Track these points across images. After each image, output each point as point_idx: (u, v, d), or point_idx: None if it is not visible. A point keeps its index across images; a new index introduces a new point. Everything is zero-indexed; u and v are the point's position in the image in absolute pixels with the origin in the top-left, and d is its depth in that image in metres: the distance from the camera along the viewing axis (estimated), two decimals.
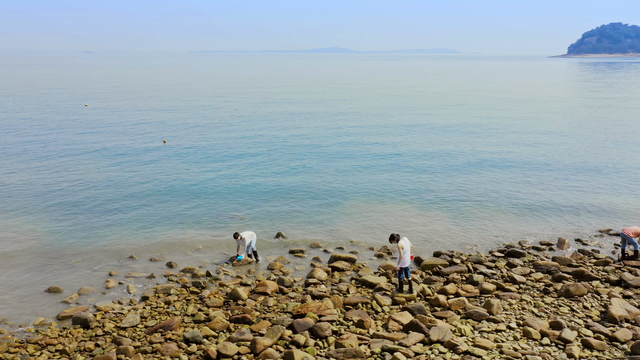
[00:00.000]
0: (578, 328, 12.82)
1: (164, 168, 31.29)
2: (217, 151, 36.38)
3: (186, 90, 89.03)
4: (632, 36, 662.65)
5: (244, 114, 55.88)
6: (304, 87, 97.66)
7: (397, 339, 12.28)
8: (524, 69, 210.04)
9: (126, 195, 25.75)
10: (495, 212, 23.68)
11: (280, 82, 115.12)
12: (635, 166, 32.42)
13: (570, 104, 69.26)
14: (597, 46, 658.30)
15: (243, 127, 47.00)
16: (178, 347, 12.39)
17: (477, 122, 51.50)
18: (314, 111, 59.22)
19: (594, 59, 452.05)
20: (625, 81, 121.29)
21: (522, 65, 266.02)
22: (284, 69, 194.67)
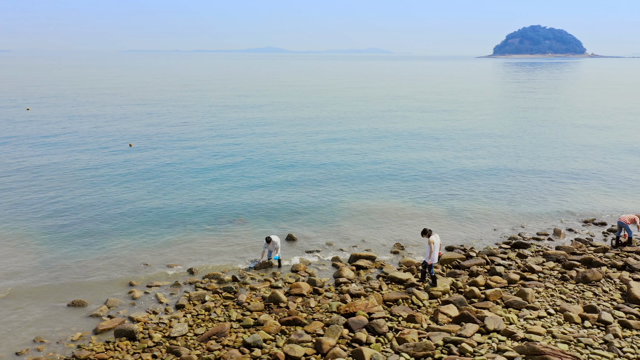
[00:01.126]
0: (610, 310, 13.89)
1: (151, 174, 30.30)
2: (199, 156, 35.64)
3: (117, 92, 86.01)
4: (550, 38, 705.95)
5: (217, 117, 54.89)
6: (253, 89, 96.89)
7: (454, 330, 12.80)
8: (465, 69, 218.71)
9: (117, 203, 24.78)
10: (484, 207, 24.81)
11: (232, 84, 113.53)
12: (604, 160, 34.96)
13: (530, 104, 73.20)
14: (519, 47, 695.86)
15: (226, 132, 46.20)
16: (240, 352, 12.29)
17: (446, 125, 53.38)
18: (294, 116, 59.10)
19: (518, 60, 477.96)
20: (559, 79, 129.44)
21: (461, 65, 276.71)
22: (227, 70, 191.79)
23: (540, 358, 11.13)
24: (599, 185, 28.66)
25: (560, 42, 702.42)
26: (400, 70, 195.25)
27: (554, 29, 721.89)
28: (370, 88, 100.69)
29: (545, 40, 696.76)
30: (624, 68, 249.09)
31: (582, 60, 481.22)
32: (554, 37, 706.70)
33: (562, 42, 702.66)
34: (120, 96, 75.41)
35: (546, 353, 11.15)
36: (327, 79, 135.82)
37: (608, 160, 34.72)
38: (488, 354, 11.51)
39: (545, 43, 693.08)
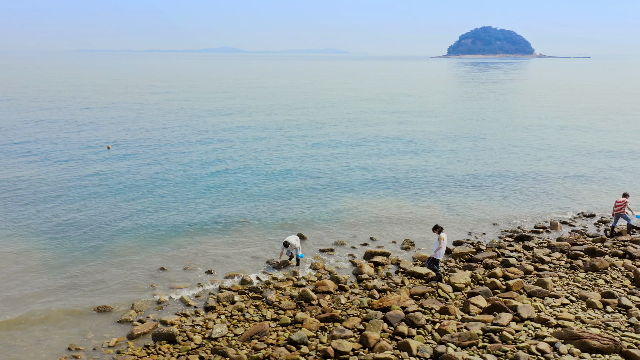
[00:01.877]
0: (625, 295, 14.78)
1: (143, 179, 29.71)
2: (192, 161, 35.15)
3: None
4: (501, 39, 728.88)
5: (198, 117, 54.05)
6: (224, 91, 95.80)
7: (489, 320, 13.34)
8: (426, 69, 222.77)
9: (117, 210, 24.26)
10: (477, 203, 25.65)
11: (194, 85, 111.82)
12: (584, 154, 36.68)
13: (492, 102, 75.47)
14: (472, 47, 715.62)
15: (212, 136, 45.57)
16: (288, 350, 12.43)
17: (425, 127, 54.47)
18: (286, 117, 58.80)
19: (471, 60, 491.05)
20: (519, 80, 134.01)
21: (420, 65, 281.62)
22: (190, 70, 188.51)
23: (578, 342, 11.80)
24: (580, 180, 30.09)
25: (511, 42, 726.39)
26: (363, 71, 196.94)
27: (504, 30, 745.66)
28: (340, 90, 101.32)
29: (496, 41, 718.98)
30: (574, 68, 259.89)
31: (532, 60, 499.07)
32: (504, 37, 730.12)
33: (512, 43, 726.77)
34: (70, 99, 73.16)
35: (584, 337, 11.83)
36: (297, 80, 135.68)
37: (584, 157, 36.46)
38: (528, 341, 12.09)
39: (497, 43, 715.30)
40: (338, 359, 12.03)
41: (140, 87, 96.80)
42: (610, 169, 32.69)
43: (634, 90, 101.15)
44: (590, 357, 11.40)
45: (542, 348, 11.64)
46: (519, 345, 11.86)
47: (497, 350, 11.71)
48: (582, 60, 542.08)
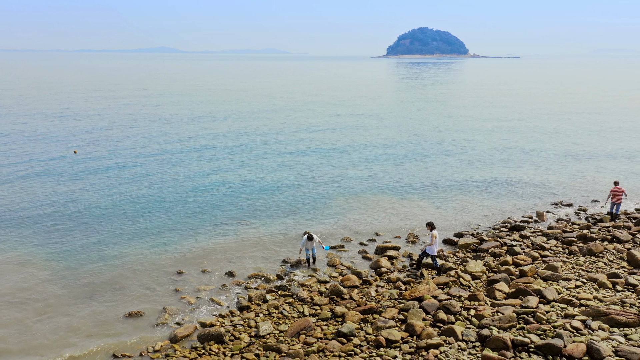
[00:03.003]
0: (627, 275, 16.20)
1: (135, 182, 28.94)
2: (177, 164, 34.46)
3: None
4: (437, 39, 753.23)
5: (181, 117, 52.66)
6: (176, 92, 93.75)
7: (517, 304, 14.30)
8: (371, 69, 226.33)
9: (112, 214, 23.66)
10: (464, 196, 26.93)
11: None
12: (553, 149, 38.96)
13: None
14: (410, 48, 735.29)
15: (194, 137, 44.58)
16: (339, 342, 12.84)
17: (399, 125, 55.73)
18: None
19: (410, 59, 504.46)
20: (467, 78, 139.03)
21: (363, 65, 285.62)
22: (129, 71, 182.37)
23: (606, 318, 12.94)
24: (548, 173, 32.11)
25: (446, 43, 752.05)
26: (313, 72, 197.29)
27: (440, 31, 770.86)
28: (295, 92, 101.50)
29: (433, 42, 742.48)
30: (512, 68, 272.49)
31: (467, 60, 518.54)
32: (440, 38, 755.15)
33: (448, 44, 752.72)
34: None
35: (611, 313, 12.98)
36: (248, 81, 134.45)
37: (546, 153, 38.83)
38: (560, 320, 13.12)
39: (433, 44, 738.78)
40: (389, 347, 12.57)
41: (78, 90, 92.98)
42: (572, 162, 35.02)
43: (575, 89, 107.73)
44: (619, 331, 12.54)
45: (575, 325, 12.68)
46: (554, 324, 12.84)
47: (536, 330, 12.64)
48: (513, 60, 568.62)
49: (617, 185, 22.49)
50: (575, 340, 11.92)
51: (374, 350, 12.44)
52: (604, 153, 37.78)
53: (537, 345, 11.83)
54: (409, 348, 12.43)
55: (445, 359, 11.87)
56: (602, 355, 11.23)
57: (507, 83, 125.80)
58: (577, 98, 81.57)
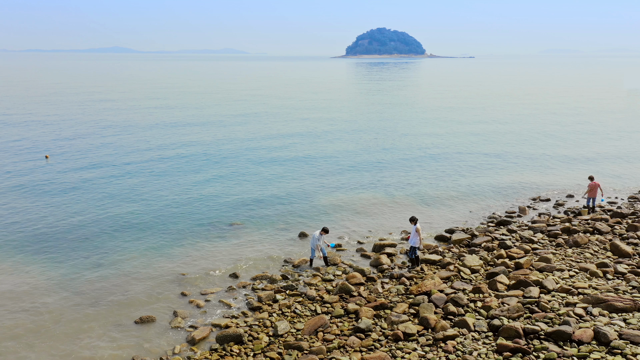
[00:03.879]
0: (614, 265, 17.21)
1: (121, 185, 28.38)
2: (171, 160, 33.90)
3: None
4: (395, 40, 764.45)
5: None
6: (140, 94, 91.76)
7: (519, 295, 15.02)
8: (333, 69, 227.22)
9: (103, 216, 23.24)
10: (446, 193, 27.80)
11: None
12: (522, 149, 40.41)
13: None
14: (369, 48, 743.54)
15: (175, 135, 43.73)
16: (358, 338, 13.19)
17: (378, 124, 56.38)
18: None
19: (369, 59, 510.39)
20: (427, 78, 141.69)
21: (325, 65, 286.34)
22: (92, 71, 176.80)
23: (605, 305, 13.79)
24: (523, 170, 33.46)
25: (404, 43, 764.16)
26: (276, 72, 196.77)
27: (397, 32, 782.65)
28: (263, 93, 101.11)
29: (390, 42, 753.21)
30: (471, 68, 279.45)
31: (424, 60, 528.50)
32: (398, 39, 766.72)
33: (406, 44, 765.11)
34: None
35: (609, 300, 13.85)
36: (211, 81, 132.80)
37: (525, 148, 40.36)
38: (562, 308, 13.89)
39: (391, 44, 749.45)
40: (407, 340, 13.02)
41: (43, 90, 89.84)
42: (542, 161, 36.57)
43: (531, 89, 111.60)
44: (618, 316, 13.40)
45: (578, 312, 13.47)
46: (559, 312, 13.60)
47: (543, 318, 13.35)
48: (469, 60, 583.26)
49: (593, 180, 23.75)
50: (582, 326, 12.68)
51: (393, 344, 12.86)
52: (570, 151, 39.58)
53: (547, 332, 12.52)
54: (426, 340, 12.91)
55: (463, 349, 12.41)
56: (609, 339, 12.01)
57: (470, 84, 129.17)
58: (535, 98, 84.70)
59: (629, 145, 41.31)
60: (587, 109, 65.66)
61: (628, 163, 35.07)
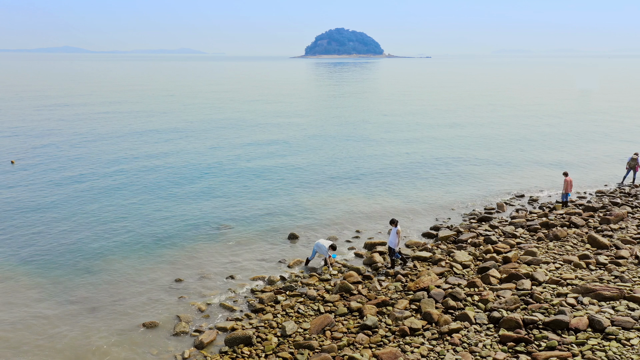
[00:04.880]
0: (596, 256, 18.19)
1: (105, 189, 27.68)
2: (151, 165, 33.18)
3: None
4: (354, 40, 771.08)
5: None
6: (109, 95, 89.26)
7: (512, 287, 15.71)
8: (296, 69, 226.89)
9: (89, 222, 22.73)
10: (427, 192, 28.54)
11: None
12: (494, 148, 41.69)
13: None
14: (328, 48, 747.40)
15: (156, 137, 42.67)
16: (366, 335, 13.53)
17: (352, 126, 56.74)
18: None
19: (329, 59, 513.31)
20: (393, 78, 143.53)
21: (285, 65, 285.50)
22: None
23: (594, 294, 14.62)
24: (496, 167, 34.66)
25: (362, 43, 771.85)
26: (237, 72, 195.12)
27: (355, 32, 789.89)
28: (227, 92, 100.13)
29: (349, 42, 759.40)
30: (430, 67, 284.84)
31: (383, 60, 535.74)
32: (356, 39, 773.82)
33: (364, 44, 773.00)
34: None
35: (597, 289, 14.69)
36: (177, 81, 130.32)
37: (495, 148, 41.70)
38: (555, 299, 14.64)
39: (350, 44, 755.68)
40: (414, 335, 13.46)
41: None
42: (510, 157, 37.96)
43: (487, 87, 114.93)
44: (606, 304, 14.24)
45: (570, 302, 14.25)
46: (552, 303, 14.33)
47: (539, 309, 14.05)
48: (426, 60, 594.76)
49: (567, 176, 24.93)
50: (576, 315, 13.43)
51: (400, 339, 13.27)
52: (535, 150, 41.20)
53: (545, 322, 13.20)
54: (432, 334, 13.37)
55: (468, 340, 12.93)
56: (604, 326, 12.78)
57: (433, 85, 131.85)
58: (496, 99, 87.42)
59: (590, 143, 43.33)
60: (546, 109, 68.25)
61: (592, 159, 36.81)
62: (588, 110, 66.14)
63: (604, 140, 44.28)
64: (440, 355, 12.35)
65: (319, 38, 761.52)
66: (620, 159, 36.11)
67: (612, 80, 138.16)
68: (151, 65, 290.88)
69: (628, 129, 50.78)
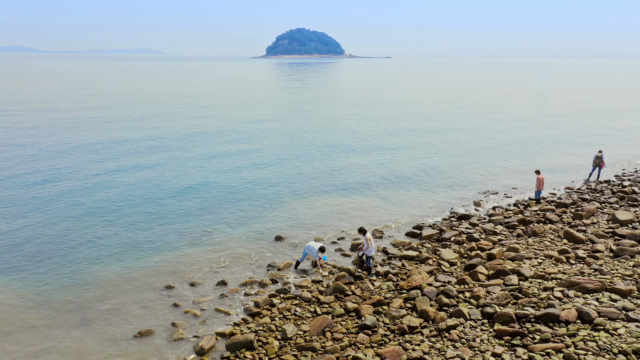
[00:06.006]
0: (574, 250, 19.02)
1: (86, 196, 26.86)
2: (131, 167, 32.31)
3: None
4: (315, 40, 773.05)
5: None
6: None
7: (500, 283, 16.27)
8: (260, 69, 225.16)
9: (72, 230, 22.11)
10: (406, 192, 29.08)
11: None
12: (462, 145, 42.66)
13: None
14: (289, 48, 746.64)
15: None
16: (366, 335, 13.76)
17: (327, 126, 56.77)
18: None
19: (290, 60, 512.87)
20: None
21: (249, 65, 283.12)
22: None
23: (578, 287, 15.32)
24: (468, 167, 35.59)
25: (323, 43, 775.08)
26: (197, 73, 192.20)
27: (316, 32, 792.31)
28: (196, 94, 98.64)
29: (310, 42, 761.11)
30: (391, 68, 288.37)
31: (344, 60, 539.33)
32: (317, 39, 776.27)
33: (325, 44, 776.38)
34: None
35: (581, 283, 15.40)
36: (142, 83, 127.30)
37: (468, 147, 42.73)
38: (543, 293, 15.26)
39: (311, 44, 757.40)
40: (412, 333, 13.79)
41: None
42: (479, 157, 39.07)
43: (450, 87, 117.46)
44: (590, 296, 14.95)
45: (557, 296, 14.90)
46: (540, 297, 14.94)
47: (529, 303, 14.62)
48: (386, 60, 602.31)
49: (539, 174, 25.90)
50: (565, 308, 14.06)
51: (400, 337, 13.57)
52: (504, 148, 42.52)
53: (537, 315, 13.76)
54: (430, 332, 13.73)
55: (466, 336, 13.36)
56: (592, 317, 13.44)
57: (396, 85, 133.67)
58: (459, 100, 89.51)
59: (554, 142, 45.02)
60: (508, 109, 70.40)
61: (559, 158, 38.28)
62: (547, 111, 68.60)
63: (567, 139, 46.07)
64: (441, 352, 12.71)
65: (279, 38, 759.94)
66: (583, 156, 37.71)
67: (568, 81, 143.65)
68: (100, 66, 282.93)
69: (587, 128, 53.00)
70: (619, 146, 42.26)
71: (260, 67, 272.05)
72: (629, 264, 17.35)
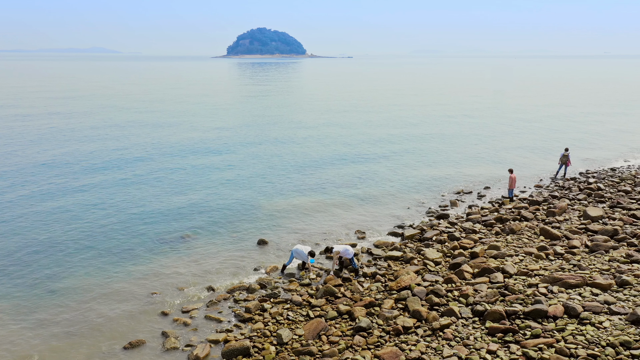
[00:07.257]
0: (552, 247, 19.66)
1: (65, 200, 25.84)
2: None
3: None
4: (276, 40, 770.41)
5: None
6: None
7: (486, 281, 16.66)
8: (223, 69, 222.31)
9: (49, 240, 21.30)
10: (379, 192, 29.38)
11: None
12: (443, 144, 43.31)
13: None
14: (250, 48, 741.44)
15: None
16: (362, 337, 13.85)
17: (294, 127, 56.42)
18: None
19: (252, 59, 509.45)
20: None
21: (211, 65, 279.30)
22: None
23: (561, 283, 15.85)
24: (440, 166, 36.26)
25: (285, 43, 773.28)
26: (158, 74, 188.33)
27: (278, 32, 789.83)
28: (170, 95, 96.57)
29: (272, 42, 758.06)
30: (354, 68, 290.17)
31: (306, 60, 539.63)
32: (279, 39, 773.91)
33: (287, 44, 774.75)
34: None
35: (564, 278, 15.95)
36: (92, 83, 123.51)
37: (440, 145, 43.46)
38: (528, 289, 15.72)
39: (272, 44, 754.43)
40: (407, 333, 13.97)
41: None
42: (451, 158, 39.88)
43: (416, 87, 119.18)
44: (573, 291, 15.51)
45: (542, 292, 15.37)
46: (526, 293, 15.40)
47: (516, 300, 15.04)
48: (348, 60, 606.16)
49: (512, 173, 26.66)
50: (551, 304, 14.53)
51: (396, 338, 13.73)
52: (471, 148, 43.52)
53: (525, 312, 14.18)
54: (424, 331, 13.94)
55: (460, 335, 13.63)
56: (578, 312, 13.94)
57: (361, 85, 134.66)
58: (420, 100, 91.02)
59: (519, 140, 46.39)
60: (468, 109, 72.08)
61: (528, 153, 39.46)
62: (508, 109, 70.60)
63: (532, 137, 47.53)
64: (438, 351, 12.93)
65: (240, 38, 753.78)
66: (548, 152, 39.02)
67: (524, 80, 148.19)
68: (58, 65, 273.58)
69: (549, 126, 54.84)
70: (584, 147, 43.96)
71: (221, 68, 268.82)
72: (604, 258, 18.06)
